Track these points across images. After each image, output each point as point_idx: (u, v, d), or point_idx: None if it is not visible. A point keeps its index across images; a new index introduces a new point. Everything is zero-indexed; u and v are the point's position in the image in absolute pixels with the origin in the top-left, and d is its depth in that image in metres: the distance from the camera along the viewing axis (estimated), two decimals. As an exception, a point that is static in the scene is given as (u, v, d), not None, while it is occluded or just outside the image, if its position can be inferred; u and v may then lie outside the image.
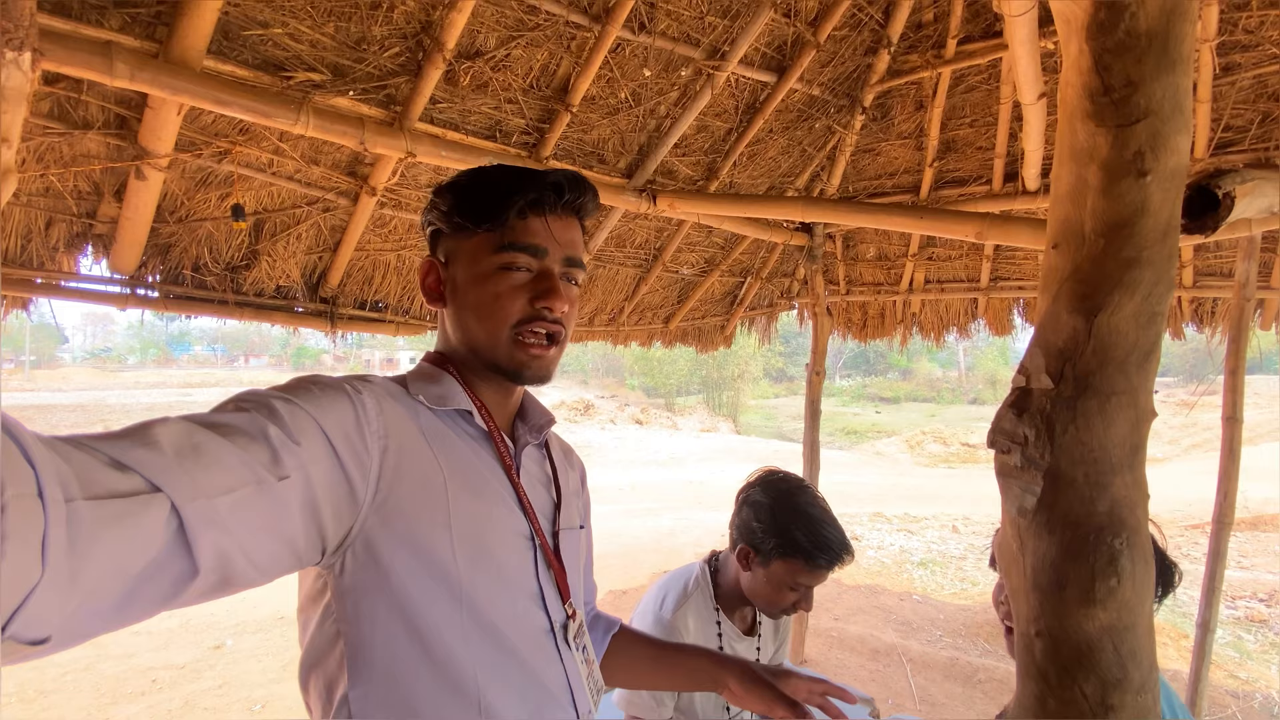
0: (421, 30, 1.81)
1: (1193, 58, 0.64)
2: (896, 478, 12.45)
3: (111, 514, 0.41)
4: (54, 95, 1.53)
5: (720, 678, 0.97)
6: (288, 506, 0.54)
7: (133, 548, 0.43)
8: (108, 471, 0.43)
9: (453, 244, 0.79)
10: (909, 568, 5.85)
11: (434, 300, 0.81)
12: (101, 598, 0.42)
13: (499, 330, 0.75)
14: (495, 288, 0.75)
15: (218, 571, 0.49)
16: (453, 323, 0.80)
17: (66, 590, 0.38)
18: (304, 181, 2.09)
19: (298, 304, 2.43)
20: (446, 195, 0.79)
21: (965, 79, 2.76)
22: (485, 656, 0.69)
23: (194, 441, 0.49)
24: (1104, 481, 0.67)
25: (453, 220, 0.78)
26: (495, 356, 0.76)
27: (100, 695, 3.44)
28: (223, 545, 0.48)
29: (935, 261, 3.73)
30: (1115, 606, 0.65)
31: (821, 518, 1.35)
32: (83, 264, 1.94)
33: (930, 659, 3.87)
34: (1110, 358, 0.68)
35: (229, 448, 0.51)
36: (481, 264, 0.76)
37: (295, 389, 0.62)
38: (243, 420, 0.54)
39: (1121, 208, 0.67)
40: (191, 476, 0.47)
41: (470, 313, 0.77)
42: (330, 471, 0.59)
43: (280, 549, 0.55)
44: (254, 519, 0.51)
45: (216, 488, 0.48)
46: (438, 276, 0.80)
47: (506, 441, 0.80)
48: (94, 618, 0.42)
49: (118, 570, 0.42)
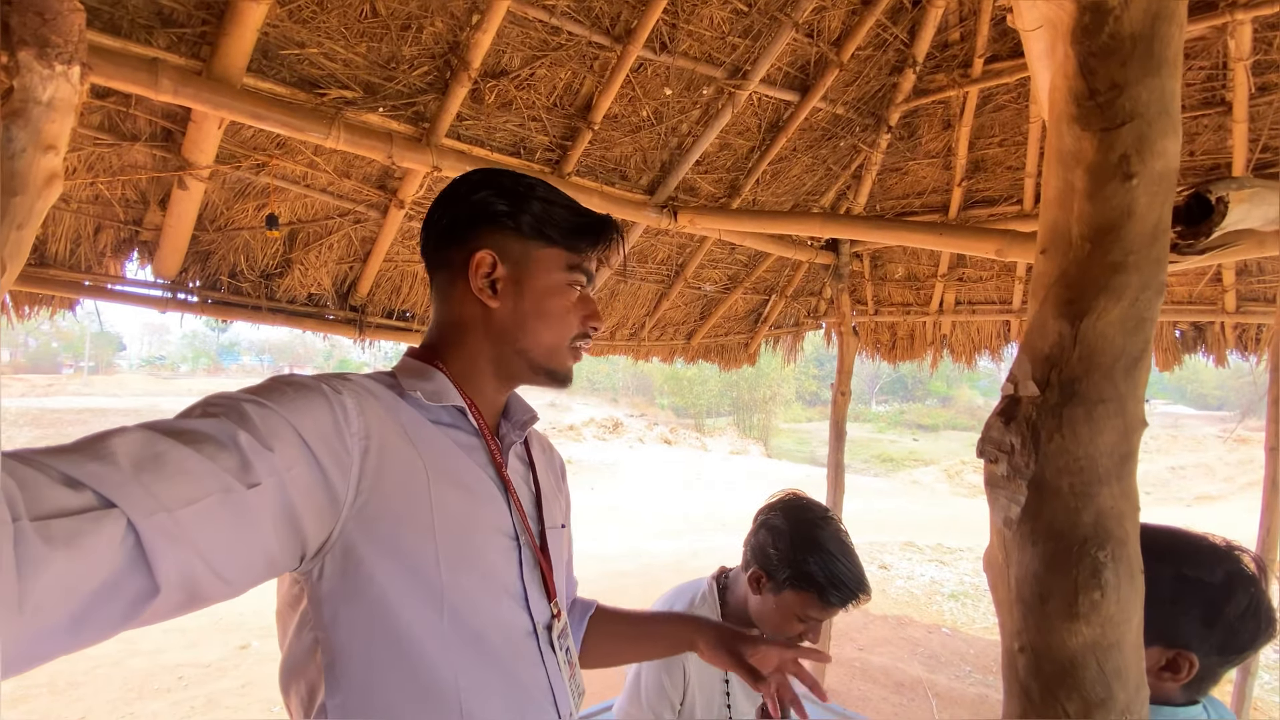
0: (449, 50, 1.89)
1: (1180, 60, 0.63)
2: (932, 507, 12.07)
3: (61, 533, 0.39)
4: (104, 108, 1.65)
5: (693, 639, 1.00)
6: (258, 514, 0.53)
7: (84, 568, 0.41)
8: (58, 489, 0.41)
9: (516, 246, 0.78)
10: (939, 599, 5.65)
11: (488, 294, 0.78)
12: (52, 620, 0.40)
13: (562, 340, 0.81)
14: (564, 301, 0.80)
15: (182, 589, 0.47)
16: (508, 320, 0.79)
17: (13, 614, 0.37)
18: (336, 194, 2.18)
19: (328, 311, 2.52)
20: (531, 201, 0.79)
21: (993, 98, 2.72)
22: (466, 661, 0.68)
23: (155, 451, 0.47)
24: (1090, 492, 0.65)
25: (540, 227, 0.79)
26: (552, 362, 0.81)
27: (128, 690, 3.56)
28: (185, 560, 0.46)
29: (965, 282, 3.66)
30: (1099, 622, 0.63)
31: (840, 553, 1.30)
32: (129, 269, 2.06)
33: (958, 695, 3.72)
34: (1097, 364, 0.66)
35: (194, 456, 0.49)
36: (555, 277, 0.80)
37: (268, 390, 0.60)
38: (210, 426, 0.52)
39: (1108, 211, 0.66)
40: (149, 489, 0.45)
41: (539, 318, 0.79)
42: (307, 475, 0.57)
43: (253, 558, 0.53)
44: (221, 529, 0.49)
45: (179, 499, 0.46)
46: (491, 271, 0.78)
47: (495, 440, 0.81)
48: (45, 641, 0.40)
49: (68, 592, 0.40)
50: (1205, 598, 0.87)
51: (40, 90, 1.15)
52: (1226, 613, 0.86)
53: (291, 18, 1.65)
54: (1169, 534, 0.94)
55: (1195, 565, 0.88)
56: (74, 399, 24.14)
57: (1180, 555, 0.89)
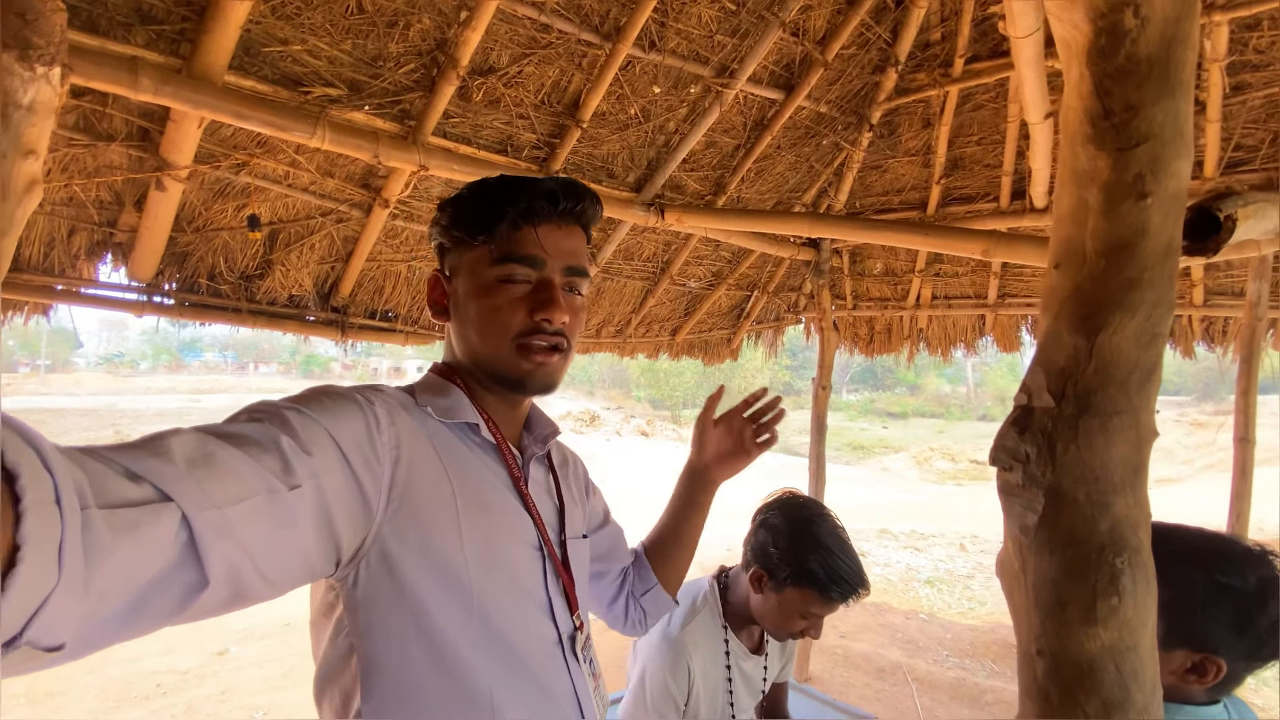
0: (436, 48, 1.85)
1: (1193, 82, 0.65)
2: (904, 494, 12.34)
3: (124, 523, 0.41)
4: (80, 108, 1.58)
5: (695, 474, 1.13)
6: (299, 516, 0.54)
7: (144, 557, 0.43)
8: (121, 481, 0.43)
9: (454, 258, 0.79)
10: (916, 585, 5.79)
11: (438, 314, 0.81)
12: (112, 606, 0.42)
13: (500, 343, 0.75)
14: (494, 300, 0.74)
15: (229, 585, 0.49)
16: (456, 336, 0.80)
17: (80, 597, 0.38)
18: (319, 193, 2.13)
19: (309, 313, 2.47)
20: (447, 209, 0.79)
21: (973, 97, 2.77)
22: (498, 667, 0.69)
23: (206, 451, 0.49)
24: (1106, 501, 0.68)
25: (452, 234, 0.78)
26: (498, 368, 0.76)
27: (106, 698, 3.46)
28: (233, 557, 0.48)
29: (942, 278, 3.73)
30: (1117, 626, 0.65)
31: (839, 549, 1.33)
32: (102, 271, 1.98)
33: (936, 679, 3.83)
34: (1111, 377, 0.68)
35: (241, 457, 0.51)
36: (480, 277, 0.75)
37: (307, 399, 0.62)
38: (255, 430, 0.54)
39: (1122, 229, 0.68)
40: (203, 486, 0.47)
41: (471, 326, 0.76)
42: (343, 481, 0.59)
43: (292, 559, 0.55)
44: (265, 528, 0.51)
45: (228, 497, 0.48)
46: (442, 290, 0.80)
47: (514, 453, 0.80)
48: (104, 627, 0.42)
49: (128, 579, 0.42)
50: (1237, 604, 0.85)
51: (21, 94, 1.10)
52: (1258, 621, 0.84)
53: (275, 14, 1.60)
54: (1202, 537, 0.93)
55: (1228, 570, 0.86)
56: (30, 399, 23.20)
57: (1213, 559, 0.88)
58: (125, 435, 14.47)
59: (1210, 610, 0.86)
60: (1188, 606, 0.87)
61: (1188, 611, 0.87)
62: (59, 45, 1.16)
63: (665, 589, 1.09)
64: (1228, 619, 0.85)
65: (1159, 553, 0.92)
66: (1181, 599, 0.87)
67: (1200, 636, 0.87)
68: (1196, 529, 0.95)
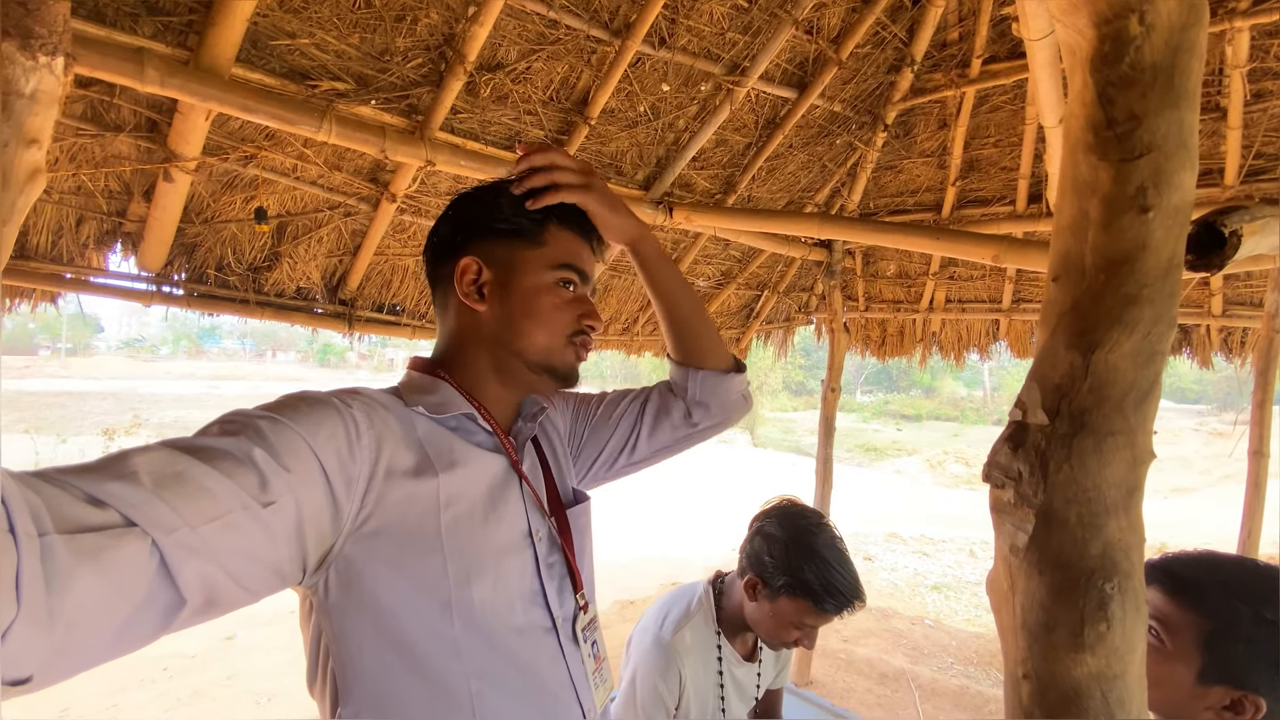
0: (444, 43, 1.84)
1: (1199, 93, 0.62)
2: (916, 498, 12.24)
3: (87, 548, 0.40)
4: (87, 98, 1.59)
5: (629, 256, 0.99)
6: (273, 532, 0.54)
7: (114, 583, 0.42)
8: (81, 506, 0.42)
9: (502, 250, 0.81)
10: (923, 591, 5.74)
11: (474, 299, 0.80)
12: (91, 632, 0.41)
13: (557, 337, 0.81)
14: (554, 299, 0.81)
15: (204, 595, 0.49)
16: (498, 323, 0.80)
17: (45, 627, 0.37)
18: (326, 187, 2.13)
19: (317, 305, 2.48)
20: (504, 202, 0.81)
21: (990, 99, 2.72)
22: (479, 665, 0.68)
23: (176, 470, 0.49)
24: (1098, 523, 0.66)
25: (510, 225, 0.80)
26: (550, 359, 0.81)
27: (111, 682, 3.53)
28: (207, 572, 0.48)
29: (957, 281, 3.68)
30: (1104, 653, 0.63)
31: (836, 561, 1.31)
32: (111, 261, 2.00)
33: (940, 686, 3.79)
34: (1107, 396, 0.66)
35: (213, 474, 0.50)
36: (542, 276, 0.80)
37: (284, 407, 0.61)
38: (229, 444, 0.54)
39: (1123, 243, 0.65)
40: (173, 506, 0.46)
41: (528, 318, 0.80)
42: (318, 494, 0.59)
43: (266, 572, 0.55)
44: (240, 545, 0.51)
45: (200, 515, 0.48)
46: (476, 276, 0.80)
47: (511, 441, 0.82)
48: (85, 653, 0.42)
49: (102, 606, 0.41)
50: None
51: (23, 83, 1.11)
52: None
53: (282, 7, 1.60)
54: (1250, 570, 0.88)
55: (1275, 607, 0.81)
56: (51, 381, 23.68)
57: (1260, 595, 0.83)
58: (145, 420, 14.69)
59: (1253, 646, 0.81)
60: (1229, 641, 0.82)
61: (1229, 646, 0.82)
62: (62, 34, 1.17)
63: (706, 365, 0.98)
64: (1272, 657, 0.80)
65: (1205, 582, 0.88)
66: (1223, 633, 0.83)
67: (1240, 674, 0.82)
68: (1245, 560, 0.90)
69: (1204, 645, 0.82)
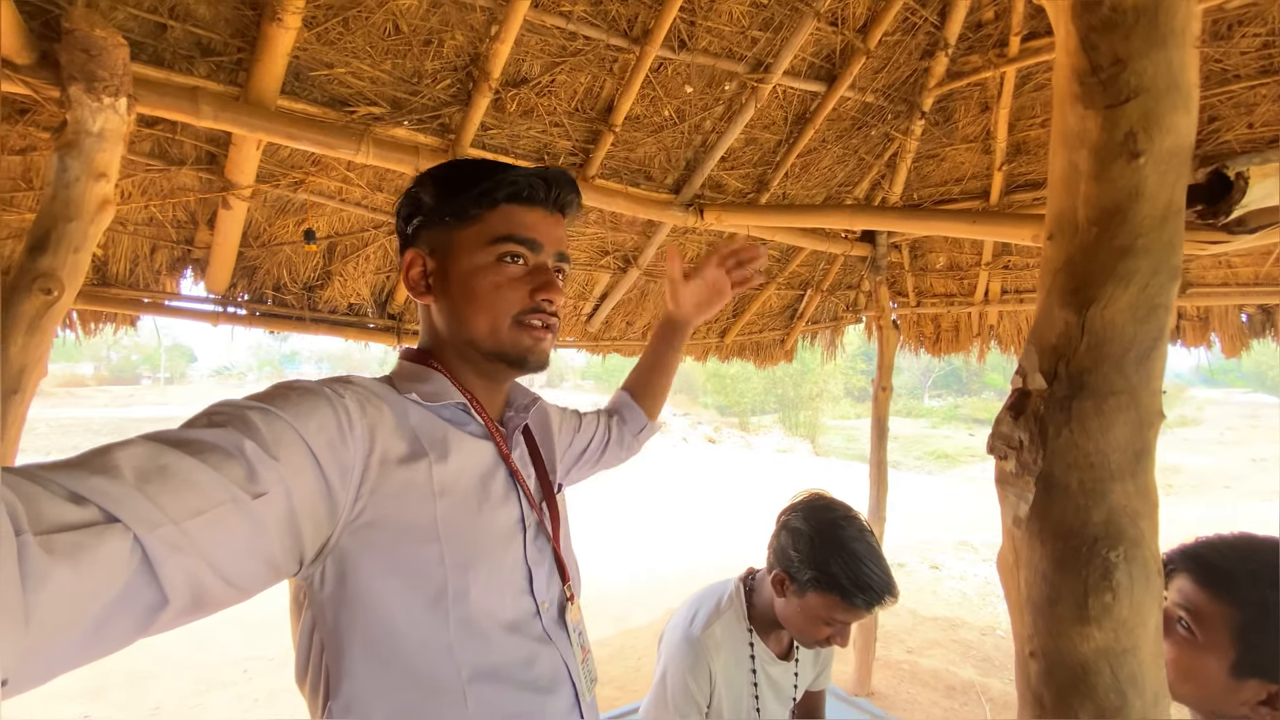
0: (470, 62, 1.93)
1: (1191, 30, 0.59)
2: (990, 505, 11.59)
3: (65, 547, 0.39)
4: (154, 136, 1.76)
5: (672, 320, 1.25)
6: (265, 524, 0.53)
7: (92, 582, 0.40)
8: (60, 504, 0.41)
9: (441, 236, 0.78)
10: (994, 600, 5.42)
11: (420, 293, 0.79)
12: (65, 634, 0.40)
13: (501, 320, 0.76)
14: (494, 278, 0.76)
15: (189, 594, 0.47)
16: (445, 315, 0.78)
17: (19, 629, 0.36)
18: (370, 207, 2.26)
19: (368, 320, 2.62)
20: (431, 185, 0.78)
21: (1033, 77, 2.60)
22: (471, 655, 0.68)
23: (160, 464, 0.47)
24: (1101, 489, 0.62)
25: (439, 209, 0.77)
26: (499, 345, 0.77)
27: (198, 682, 3.77)
28: (192, 570, 0.46)
29: (1012, 270, 3.51)
30: (1112, 626, 0.60)
31: (865, 554, 1.27)
32: (183, 285, 2.18)
33: (1011, 700, 3.56)
34: (1106, 355, 0.63)
35: (199, 466, 0.49)
36: (477, 256, 0.76)
37: (273, 396, 0.60)
38: (216, 436, 0.52)
39: (1114, 193, 0.62)
40: (156, 501, 0.45)
41: (468, 304, 0.76)
42: (311, 483, 0.57)
43: (258, 567, 0.53)
44: (229, 539, 0.49)
45: (185, 510, 0.46)
46: (423, 269, 0.79)
47: (500, 430, 0.81)
48: (57, 656, 0.40)
49: (77, 606, 0.40)
50: None
51: (90, 122, 1.25)
52: None
53: (320, 40, 1.72)
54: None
55: None
56: (152, 408, 25.70)
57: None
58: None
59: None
60: (1263, 633, 0.77)
61: (1263, 638, 0.77)
62: (123, 77, 1.30)
63: (652, 420, 1.25)
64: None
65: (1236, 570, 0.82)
66: (1256, 624, 0.77)
67: (1276, 666, 0.77)
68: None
69: (1236, 637, 0.76)
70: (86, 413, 20.99)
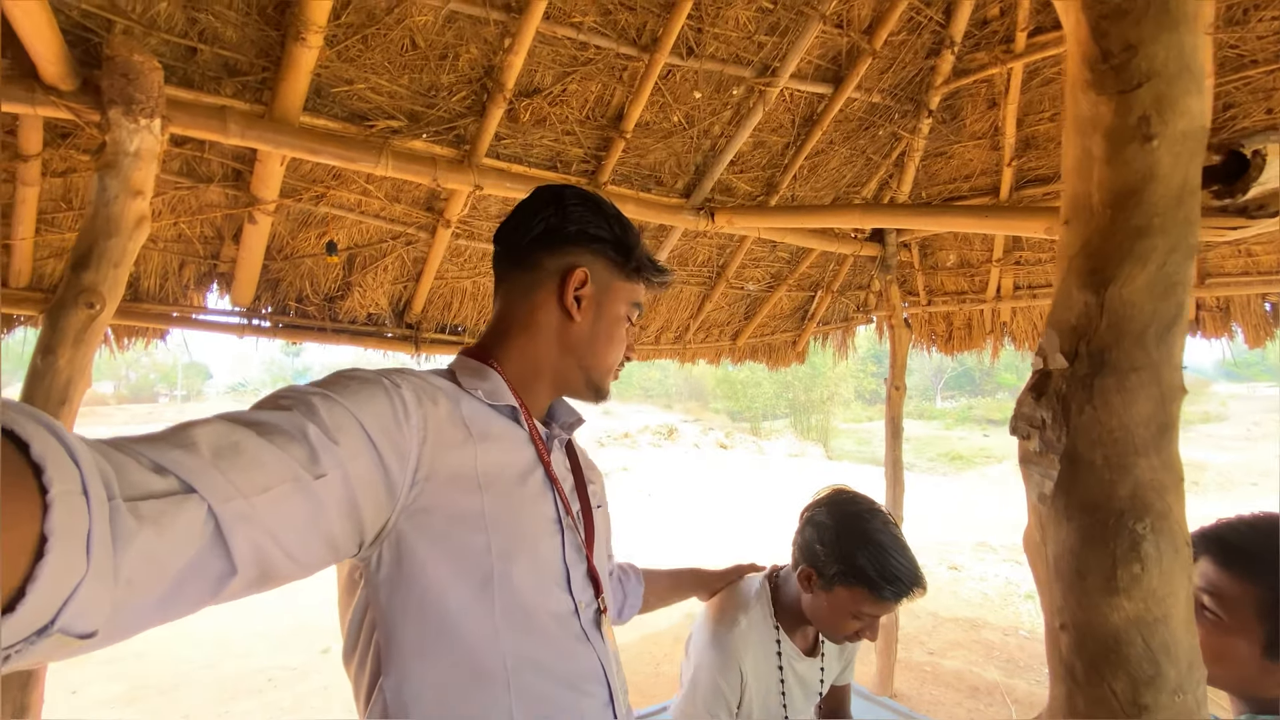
0: (484, 74, 1.98)
1: (1203, 14, 0.61)
2: (1007, 505, 11.47)
3: (150, 513, 0.42)
4: (182, 155, 1.82)
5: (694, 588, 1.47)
6: (325, 504, 0.55)
7: (171, 546, 0.44)
8: (146, 473, 0.44)
9: (606, 272, 0.87)
10: (1015, 600, 5.36)
11: (574, 307, 0.84)
12: (144, 594, 0.43)
13: (613, 363, 0.90)
14: (622, 331, 0.90)
15: (256, 567, 0.50)
16: (578, 336, 0.85)
17: (109, 585, 0.39)
18: (388, 218, 2.31)
19: (387, 330, 2.66)
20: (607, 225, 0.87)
21: (1040, 72, 2.62)
22: (515, 643, 0.70)
23: (232, 441, 0.50)
24: (1126, 464, 0.64)
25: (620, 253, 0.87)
26: (602, 381, 0.89)
27: (223, 691, 3.81)
28: (259, 542, 0.49)
29: (1024, 266, 3.50)
30: (1141, 596, 0.61)
31: (891, 545, 1.27)
32: (209, 299, 2.24)
33: (1038, 700, 3.53)
34: (1126, 331, 0.64)
35: (267, 446, 0.52)
36: (621, 308, 0.89)
37: (334, 384, 0.63)
38: (282, 419, 0.55)
39: (1128, 175, 0.64)
40: (228, 476, 0.48)
41: (606, 342, 0.87)
42: (369, 467, 0.59)
43: (318, 545, 0.56)
44: (292, 516, 0.52)
45: (254, 486, 0.49)
46: (582, 285, 0.85)
47: (541, 433, 0.84)
48: (138, 613, 0.43)
49: (159, 568, 0.43)
50: None
51: (128, 142, 1.30)
52: None
53: (340, 57, 1.77)
54: None
55: None
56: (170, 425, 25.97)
57: None
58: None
59: None
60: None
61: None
62: (158, 99, 1.35)
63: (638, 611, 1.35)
64: None
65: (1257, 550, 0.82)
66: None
67: None
68: None
69: (1263, 616, 0.76)
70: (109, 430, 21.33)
